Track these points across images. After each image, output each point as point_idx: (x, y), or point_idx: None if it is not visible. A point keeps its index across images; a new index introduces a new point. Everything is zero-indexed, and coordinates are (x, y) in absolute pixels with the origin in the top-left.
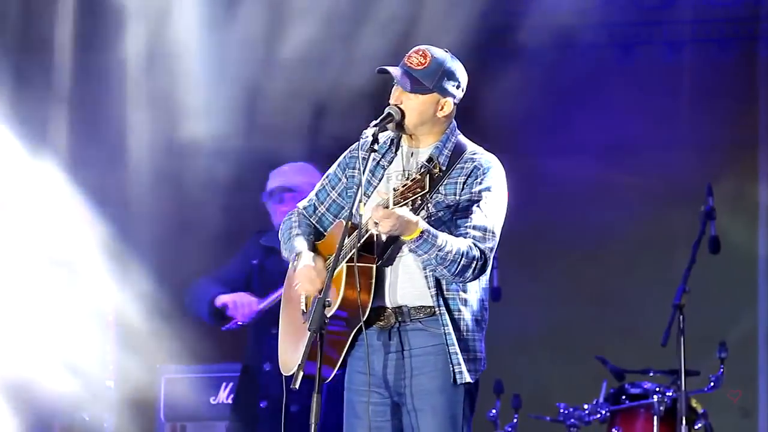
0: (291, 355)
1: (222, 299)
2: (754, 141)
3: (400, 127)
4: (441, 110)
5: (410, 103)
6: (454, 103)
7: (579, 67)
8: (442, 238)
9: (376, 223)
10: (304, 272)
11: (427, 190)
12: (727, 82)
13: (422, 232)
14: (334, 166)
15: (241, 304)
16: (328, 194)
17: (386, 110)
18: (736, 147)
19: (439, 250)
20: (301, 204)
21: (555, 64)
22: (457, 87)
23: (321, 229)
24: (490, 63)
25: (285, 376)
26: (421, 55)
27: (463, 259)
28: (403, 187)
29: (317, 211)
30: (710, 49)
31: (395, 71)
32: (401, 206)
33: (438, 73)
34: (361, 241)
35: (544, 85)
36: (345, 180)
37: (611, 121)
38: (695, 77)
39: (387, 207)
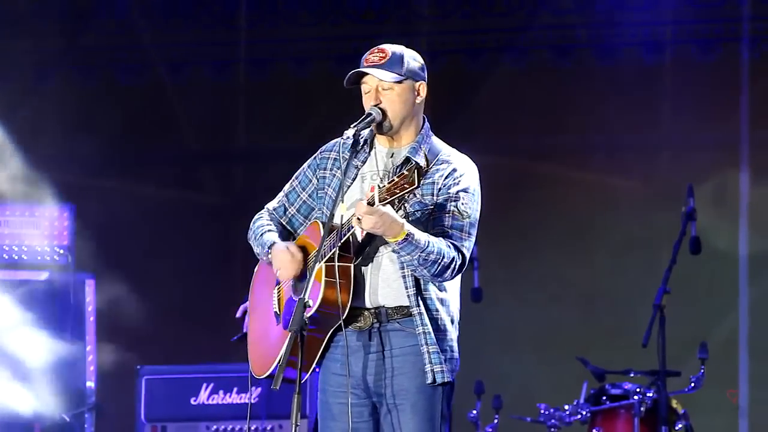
0: (264, 358)
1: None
2: (735, 142)
3: (380, 127)
4: (418, 95)
5: (391, 96)
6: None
7: (563, 68)
8: (425, 239)
9: (359, 219)
10: (281, 256)
11: (416, 185)
12: (709, 83)
13: (407, 235)
14: (305, 167)
15: None
16: (299, 195)
17: (367, 111)
18: (718, 148)
19: (421, 252)
20: (270, 205)
21: (539, 66)
22: (422, 69)
23: (291, 230)
24: (477, 65)
25: (258, 378)
26: (379, 51)
27: (444, 259)
28: (389, 183)
29: (287, 212)
30: (692, 50)
31: (368, 70)
32: (387, 203)
33: (402, 58)
34: (342, 240)
35: (529, 86)
36: (315, 181)
37: (594, 122)
38: (677, 78)
39: (372, 203)
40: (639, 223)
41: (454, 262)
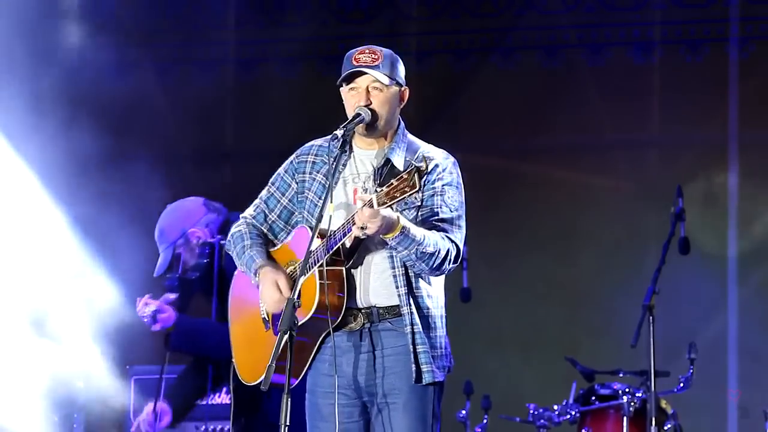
0: (255, 365)
1: None
2: (724, 142)
3: (368, 128)
4: (402, 101)
5: (381, 98)
6: None
7: (551, 68)
8: (420, 232)
9: (362, 228)
10: (269, 291)
11: (418, 188)
12: (698, 84)
13: (403, 228)
14: (281, 172)
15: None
16: (278, 201)
17: (355, 111)
18: (707, 148)
19: (418, 245)
20: (249, 212)
21: (527, 67)
22: (404, 75)
23: (271, 236)
24: (465, 65)
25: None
26: (371, 52)
27: (441, 251)
28: (388, 187)
29: (268, 219)
30: (681, 51)
31: (368, 70)
32: (387, 206)
33: (393, 63)
34: (339, 243)
35: (517, 86)
36: (295, 185)
37: (583, 122)
38: (666, 78)
39: (372, 207)
40: (627, 223)
41: (449, 254)
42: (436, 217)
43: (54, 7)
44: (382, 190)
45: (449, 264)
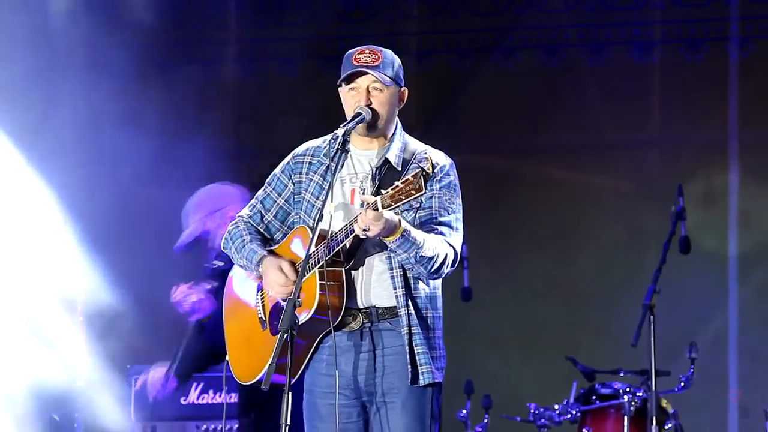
0: (251, 364)
1: None
2: (724, 141)
3: (368, 127)
4: (401, 101)
5: (381, 98)
6: None
7: (551, 68)
8: (420, 236)
9: (365, 230)
10: (274, 276)
11: (424, 191)
12: (698, 83)
13: (404, 231)
14: (277, 172)
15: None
16: (275, 201)
17: (356, 110)
18: (707, 147)
19: (418, 248)
20: (245, 212)
21: (527, 66)
22: (404, 75)
23: (268, 236)
24: (465, 65)
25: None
26: (371, 52)
27: (439, 255)
28: (393, 189)
29: (264, 219)
30: (681, 50)
31: (368, 70)
32: (391, 209)
33: (393, 64)
34: (341, 245)
35: (517, 86)
36: (292, 186)
37: (583, 122)
38: (666, 77)
39: (375, 209)
40: (627, 223)
41: (447, 258)
42: (434, 220)
43: (54, 7)
44: (387, 192)
45: (447, 268)
